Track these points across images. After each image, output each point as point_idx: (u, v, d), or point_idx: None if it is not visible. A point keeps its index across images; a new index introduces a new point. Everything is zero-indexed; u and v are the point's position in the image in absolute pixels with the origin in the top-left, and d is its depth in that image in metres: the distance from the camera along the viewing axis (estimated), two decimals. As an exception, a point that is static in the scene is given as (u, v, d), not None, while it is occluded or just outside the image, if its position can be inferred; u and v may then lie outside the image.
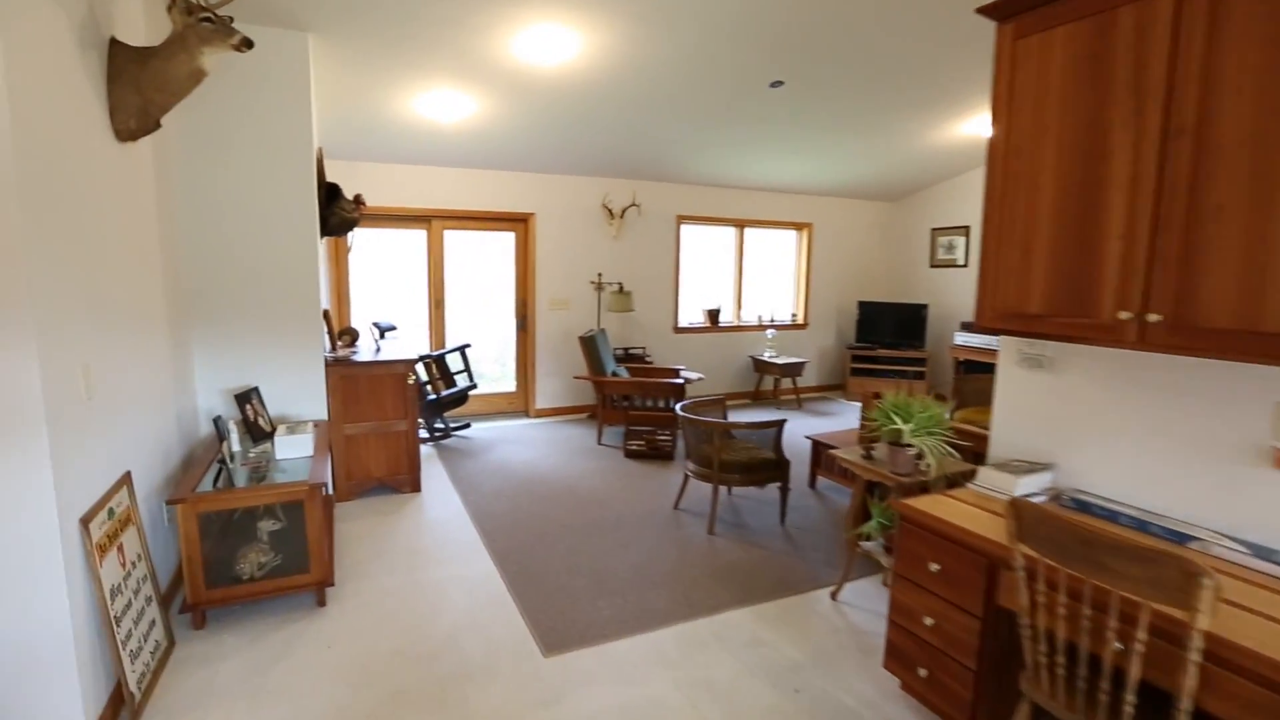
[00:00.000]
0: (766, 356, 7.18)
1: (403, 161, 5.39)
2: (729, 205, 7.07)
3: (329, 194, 3.99)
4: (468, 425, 5.64)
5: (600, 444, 5.34)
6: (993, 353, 6.81)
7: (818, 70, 4.31)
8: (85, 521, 1.87)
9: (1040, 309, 1.91)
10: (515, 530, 3.56)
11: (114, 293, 2.21)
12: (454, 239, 5.87)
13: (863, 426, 3.80)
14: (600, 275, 6.31)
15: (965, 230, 7.26)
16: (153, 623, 2.27)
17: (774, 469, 3.67)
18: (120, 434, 2.22)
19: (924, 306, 7.33)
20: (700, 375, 6.20)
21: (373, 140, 4.91)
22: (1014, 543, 1.58)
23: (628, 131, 5.14)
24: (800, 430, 5.86)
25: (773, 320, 7.62)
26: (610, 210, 6.26)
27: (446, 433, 5.34)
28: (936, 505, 2.08)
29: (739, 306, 7.45)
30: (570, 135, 5.14)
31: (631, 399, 5.31)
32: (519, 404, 6.32)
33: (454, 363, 5.56)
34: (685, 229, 6.95)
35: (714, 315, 7.16)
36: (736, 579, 3.07)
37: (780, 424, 3.63)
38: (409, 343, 5.31)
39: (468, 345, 5.46)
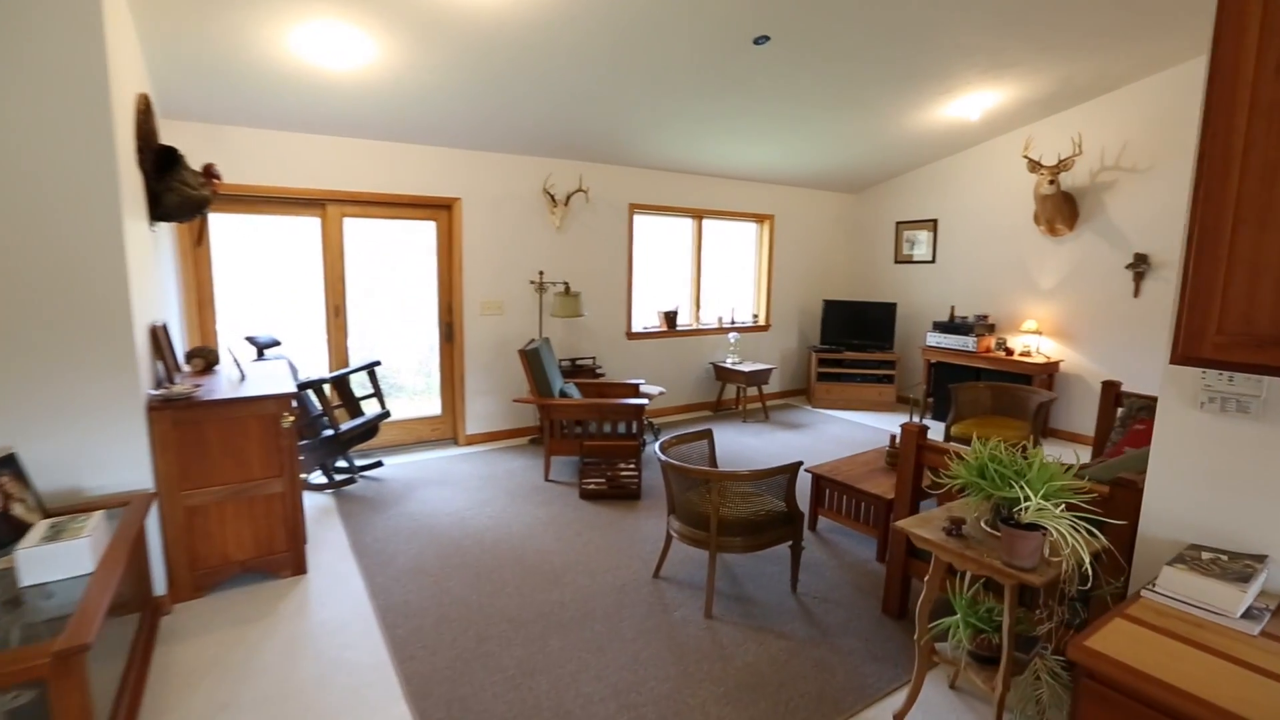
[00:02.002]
0: (729, 363, 6.39)
1: (285, 127, 4.21)
2: (686, 193, 6.22)
3: (161, 161, 2.83)
4: (379, 464, 4.52)
5: (548, 480, 4.37)
6: (969, 354, 6.31)
7: (809, 24, 3.50)
8: None
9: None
10: (441, 636, 2.55)
11: None
12: (357, 229, 4.72)
13: (933, 483, 3.03)
14: (542, 274, 5.31)
15: (931, 224, 6.73)
16: None
17: (785, 525, 2.83)
18: None
19: (892, 305, 6.74)
20: (661, 389, 5.33)
21: (241, 95, 3.73)
22: None
23: (575, 99, 4.18)
24: (772, 448, 5.09)
25: (734, 322, 6.84)
26: (553, 196, 5.27)
27: (351, 476, 4.22)
28: (1142, 650, 1.27)
29: (697, 308, 6.62)
30: (504, 101, 4.12)
31: (586, 424, 4.37)
32: (445, 430, 5.23)
33: (361, 385, 4.44)
34: (639, 220, 6.05)
35: (671, 318, 6.30)
36: (761, 699, 2.20)
37: (794, 469, 2.79)
38: (299, 363, 4.15)
39: (377, 363, 4.35)
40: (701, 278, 6.60)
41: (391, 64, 3.52)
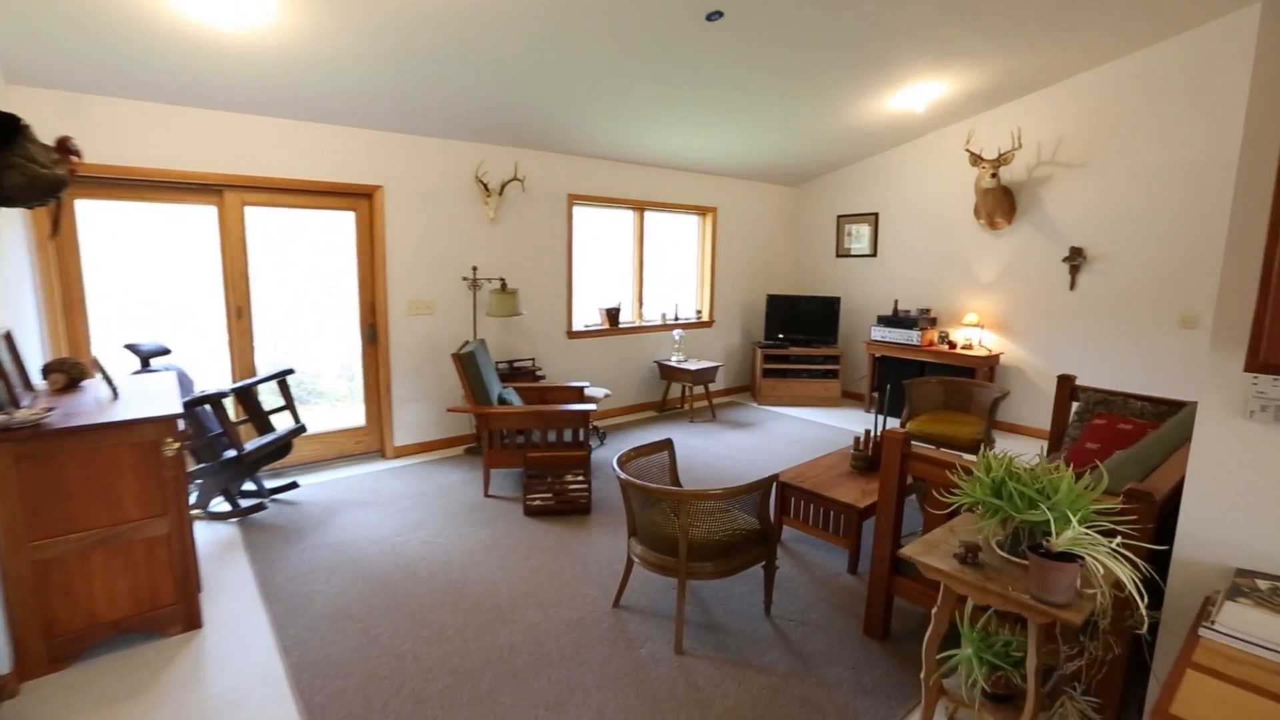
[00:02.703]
0: (674, 361, 6.15)
1: (168, 99, 3.62)
2: (628, 184, 5.91)
3: (-4, 131, 2.27)
4: (294, 485, 3.99)
5: (489, 496, 3.98)
6: (913, 348, 6.33)
7: (765, 1, 3.27)
8: None
9: None
10: (370, 700, 2.15)
11: None
12: (262, 219, 4.16)
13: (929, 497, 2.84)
14: (475, 270, 4.88)
15: (872, 218, 6.71)
16: None
17: (758, 544, 2.59)
18: None
19: (836, 300, 6.69)
20: (606, 391, 5.03)
21: (108, 58, 3.13)
22: None
23: (509, 78, 3.79)
24: (724, 451, 4.88)
25: (678, 319, 6.61)
26: (486, 185, 4.85)
27: (261, 502, 3.69)
28: (1235, 714, 1.08)
29: (640, 304, 6.34)
30: (430, 79, 3.68)
31: (528, 433, 4.00)
32: (371, 442, 4.73)
33: (276, 396, 3.90)
34: (579, 211, 5.69)
35: (613, 315, 5.99)
36: (747, 751, 1.94)
37: (768, 484, 2.55)
38: (196, 373, 3.58)
39: (289, 371, 3.83)
40: (644, 273, 6.32)
41: (297, 28, 3.03)
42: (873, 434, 3.62)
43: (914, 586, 2.45)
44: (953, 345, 5.85)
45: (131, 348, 3.30)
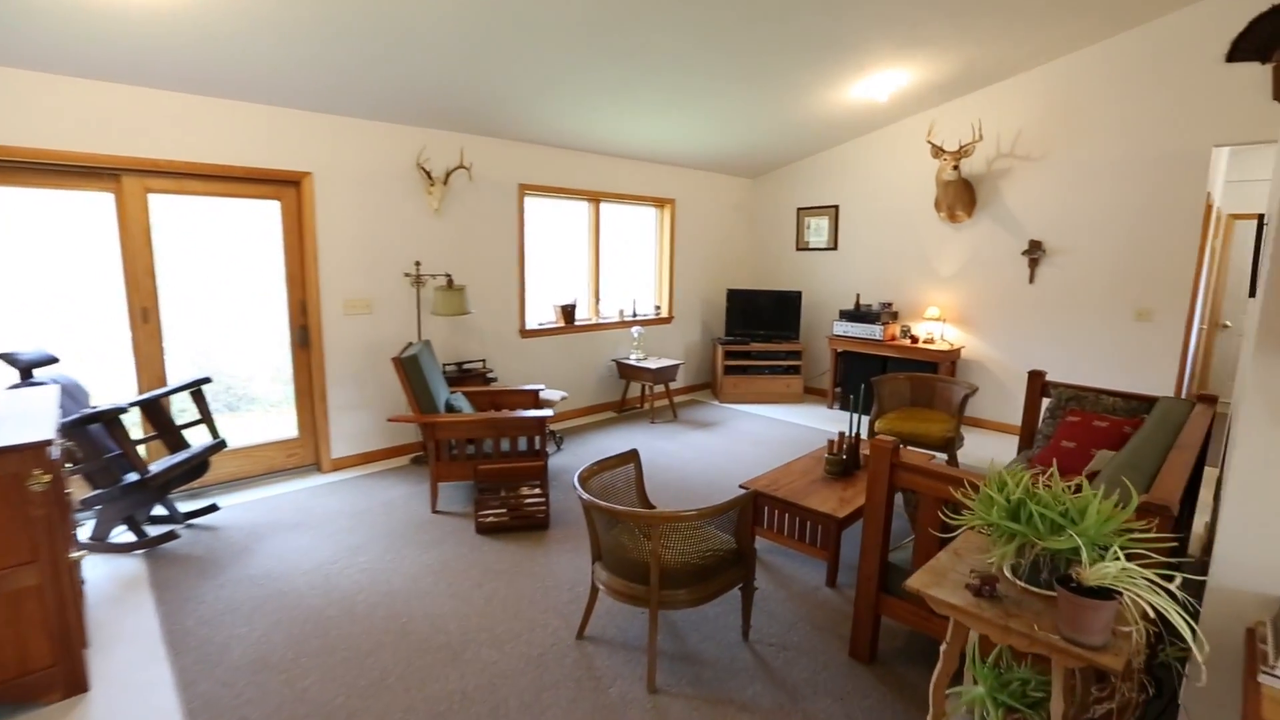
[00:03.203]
0: (633, 360, 5.90)
1: (47, 68, 3.13)
2: (582, 174, 5.61)
3: None
4: (213, 508, 3.56)
5: (436, 512, 3.64)
6: (876, 343, 6.23)
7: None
8: None
9: None
10: (293, 768, 1.83)
11: None
12: (171, 209, 3.69)
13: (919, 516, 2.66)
14: (419, 265, 4.50)
15: (832, 211, 6.60)
16: None
17: (735, 565, 2.37)
18: None
19: (797, 294, 6.56)
20: (563, 394, 4.73)
21: (-35, 19, 2.65)
22: None
23: (451, 55, 3.44)
24: (688, 453, 4.65)
25: (636, 315, 6.35)
26: (429, 173, 4.47)
27: (172, 530, 3.25)
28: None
29: (596, 300, 6.06)
30: (365, 54, 3.30)
31: (479, 443, 3.68)
32: (304, 454, 4.31)
33: (185, 410, 3.46)
34: (530, 202, 5.36)
35: (569, 312, 5.69)
36: (736, 812, 1.71)
37: (747, 501, 2.33)
38: (93, 385, 3.11)
39: (205, 380, 3.40)
40: (601, 268, 6.04)
41: (198, -16, 2.62)
42: (847, 436, 3.46)
43: (903, 607, 2.27)
44: (915, 340, 5.78)
45: (8, 357, 2.83)
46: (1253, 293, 2.09)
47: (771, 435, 5.32)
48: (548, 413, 3.67)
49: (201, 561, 3.02)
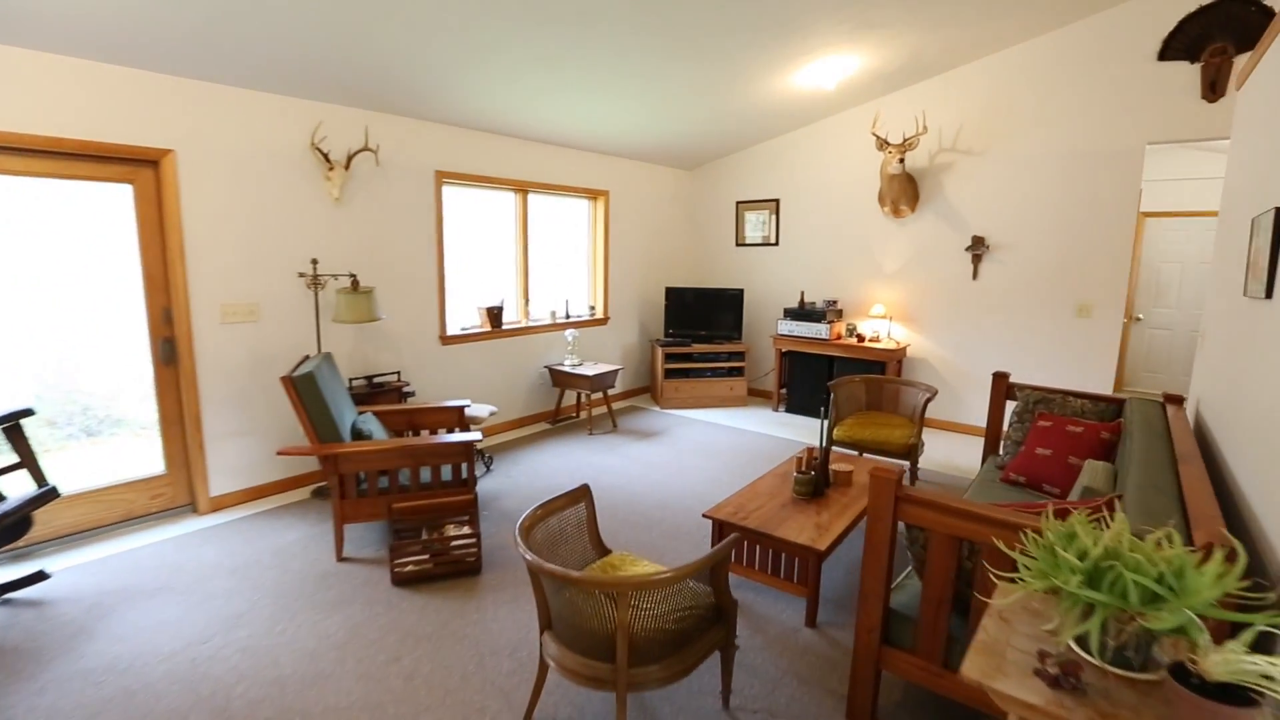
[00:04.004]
0: (568, 366, 5.42)
1: None
2: (508, 161, 5.07)
3: None
4: (41, 576, 2.79)
5: (342, 560, 3.05)
6: (822, 342, 6.02)
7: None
8: None
9: None
10: None
11: None
12: (-21, 194, 2.89)
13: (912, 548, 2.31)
14: (316, 264, 3.83)
15: (773, 204, 6.36)
16: None
17: (714, 624, 1.96)
18: None
19: (739, 292, 6.26)
20: (492, 409, 4.21)
21: None
22: None
23: (357, 17, 2.85)
24: (634, 469, 4.19)
25: (569, 316, 5.87)
26: (327, 156, 3.81)
27: (-22, 606, 2.51)
28: None
29: (526, 301, 5.53)
30: (246, 6, 2.66)
31: (394, 474, 3.11)
32: (175, 494, 3.57)
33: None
34: (450, 192, 4.77)
35: (495, 315, 5.13)
36: None
37: (727, 552, 1.92)
38: None
39: (25, 413, 2.66)
40: (529, 265, 5.51)
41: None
42: (816, 448, 3.13)
43: (907, 660, 1.94)
44: (861, 339, 5.60)
45: None
46: (1270, 293, 1.88)
47: (720, 444, 4.98)
48: (475, 436, 3.15)
49: (15, 654, 2.31)
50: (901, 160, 5.00)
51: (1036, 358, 4.97)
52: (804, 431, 5.39)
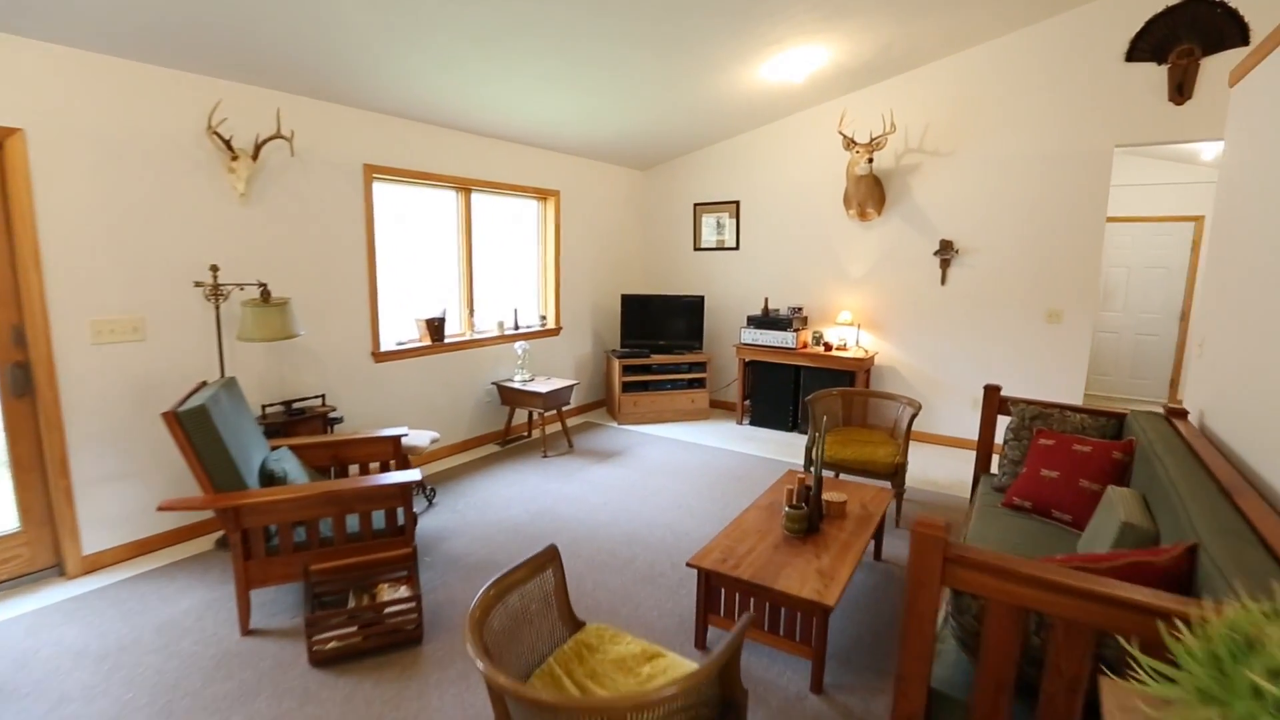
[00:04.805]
0: (518, 382, 4.93)
1: None
2: (448, 156, 4.55)
3: None
4: None
5: (248, 634, 2.49)
6: (788, 351, 5.71)
7: None
8: None
9: None
10: None
11: None
12: None
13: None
14: (216, 271, 3.23)
15: (734, 206, 6.06)
16: None
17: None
18: None
19: (700, 299, 5.92)
20: (433, 435, 3.71)
21: None
22: None
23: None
24: (594, 497, 3.74)
25: (518, 327, 5.38)
26: (228, 143, 3.22)
27: None
28: None
29: (470, 312, 5.01)
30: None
31: (314, 524, 2.57)
32: (34, 556, 2.90)
33: None
34: (382, 189, 4.22)
35: (436, 327, 4.60)
36: None
37: (738, 647, 1.52)
38: None
39: None
40: (474, 272, 5.00)
41: None
42: (810, 474, 2.78)
43: (955, 749, 1.59)
44: (829, 347, 5.34)
45: None
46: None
47: (688, 464, 4.60)
48: (414, 475, 2.65)
49: None
50: (870, 160, 4.77)
51: (1007, 365, 4.82)
52: (771, 446, 5.08)
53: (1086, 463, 2.73)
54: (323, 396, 3.78)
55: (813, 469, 3.01)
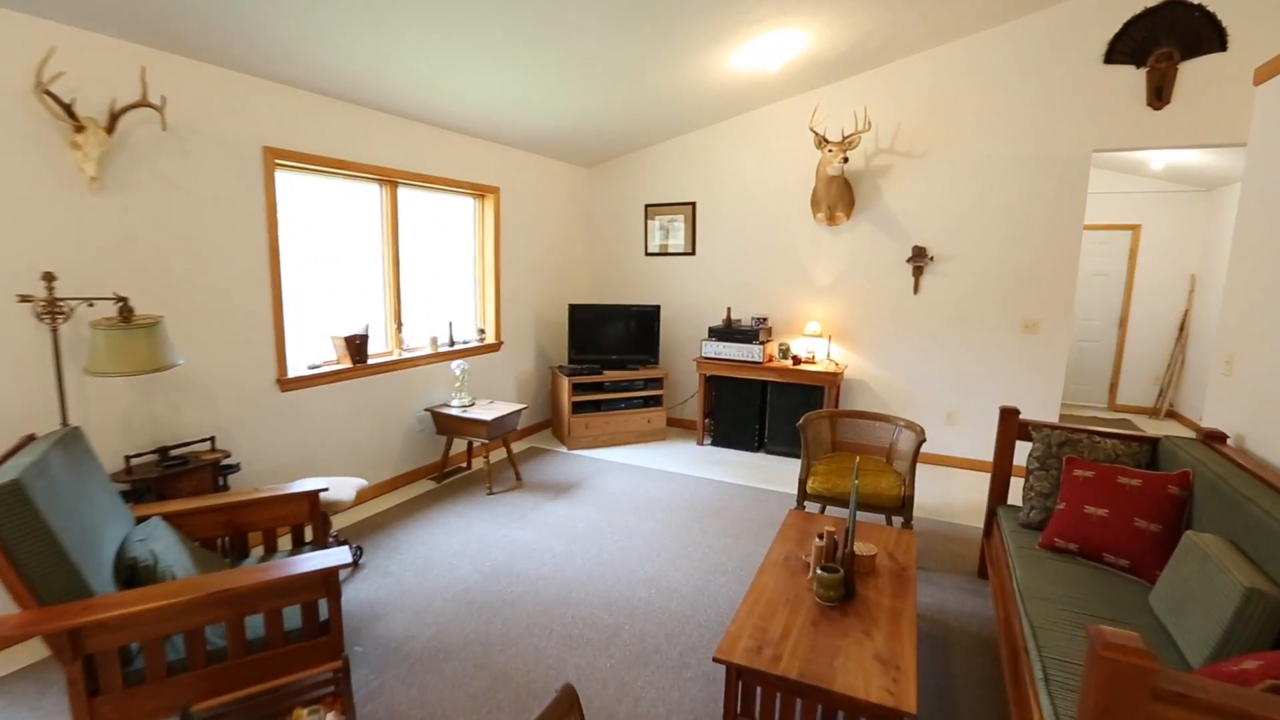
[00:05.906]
0: (456, 408, 4.25)
1: None
2: (371, 142, 3.82)
3: None
4: None
5: (96, 802, 1.73)
6: (755, 366, 5.18)
7: None
8: None
9: None
10: None
11: None
12: None
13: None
14: (52, 280, 2.39)
15: (689, 208, 5.61)
16: None
17: None
18: None
19: (655, 309, 5.42)
20: (360, 483, 3.02)
21: None
22: None
23: None
24: (557, 546, 3.10)
25: (454, 342, 4.68)
26: (69, 109, 2.40)
27: None
28: None
29: (398, 327, 4.27)
30: None
31: (196, 635, 1.85)
32: None
33: None
34: (287, 179, 3.44)
35: (358, 346, 3.85)
36: None
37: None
38: None
39: None
40: (401, 281, 4.26)
41: None
42: (845, 533, 2.32)
43: None
44: (797, 360, 4.97)
45: None
46: None
47: (654, 497, 4.07)
48: (341, 558, 1.97)
49: None
50: (845, 160, 4.42)
51: (983, 377, 4.61)
52: (740, 470, 4.64)
53: (1138, 499, 2.42)
54: (212, 439, 2.97)
55: (846, 519, 2.56)
